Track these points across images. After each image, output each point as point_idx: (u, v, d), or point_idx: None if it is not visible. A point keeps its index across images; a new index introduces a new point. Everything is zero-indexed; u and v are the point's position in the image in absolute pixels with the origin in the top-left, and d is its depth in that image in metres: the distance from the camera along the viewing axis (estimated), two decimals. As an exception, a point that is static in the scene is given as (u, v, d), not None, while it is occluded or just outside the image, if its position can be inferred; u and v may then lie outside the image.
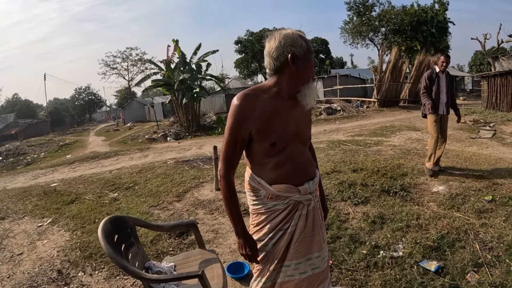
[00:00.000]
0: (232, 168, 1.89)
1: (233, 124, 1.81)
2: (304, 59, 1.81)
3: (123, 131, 30.99)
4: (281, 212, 1.92)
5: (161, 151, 11.59)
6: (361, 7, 39.65)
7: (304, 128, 1.98)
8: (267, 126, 1.81)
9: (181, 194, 5.89)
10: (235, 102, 1.81)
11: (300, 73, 1.83)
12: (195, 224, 2.66)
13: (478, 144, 9.69)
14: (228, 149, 1.85)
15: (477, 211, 4.47)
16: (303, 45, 1.80)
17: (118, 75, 62.01)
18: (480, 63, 50.09)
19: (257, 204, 1.96)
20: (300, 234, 1.92)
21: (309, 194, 1.94)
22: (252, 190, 1.97)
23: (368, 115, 18.69)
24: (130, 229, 2.39)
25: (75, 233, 4.64)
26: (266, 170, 1.89)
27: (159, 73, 23.77)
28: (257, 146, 1.86)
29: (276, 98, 1.85)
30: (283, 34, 1.83)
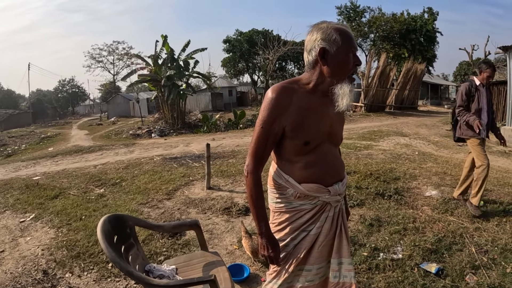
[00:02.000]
0: (261, 164, 1.77)
1: (266, 118, 1.69)
2: (336, 55, 1.66)
3: (107, 125, 30.51)
4: (307, 213, 1.82)
5: (147, 147, 11.36)
6: (352, 13, 40.26)
7: (337, 129, 1.89)
8: (301, 123, 1.71)
9: (171, 192, 5.71)
10: (270, 94, 1.70)
11: (331, 70, 1.69)
12: (198, 225, 2.52)
13: (465, 151, 9.77)
14: (259, 144, 1.73)
15: (470, 216, 4.62)
16: (336, 40, 1.65)
17: (103, 68, 61.21)
18: (464, 73, 51.11)
19: (281, 203, 1.85)
20: (325, 237, 1.83)
21: (338, 195, 1.85)
22: (278, 187, 1.85)
23: (355, 119, 18.85)
24: (130, 229, 2.23)
25: (61, 230, 4.38)
26: (296, 168, 1.78)
27: (146, 68, 23.46)
28: (288, 143, 1.75)
29: (312, 94, 1.75)
30: (318, 27, 1.71)
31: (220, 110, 34.96)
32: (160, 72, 21.58)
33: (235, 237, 4.10)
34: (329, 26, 1.69)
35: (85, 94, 74.30)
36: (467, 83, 4.95)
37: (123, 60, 60.16)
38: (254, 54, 43.26)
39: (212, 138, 12.50)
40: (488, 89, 4.97)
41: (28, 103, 58.20)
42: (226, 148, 9.96)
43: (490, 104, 4.95)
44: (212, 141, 11.43)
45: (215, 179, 6.31)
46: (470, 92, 4.85)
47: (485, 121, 4.80)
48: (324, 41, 1.66)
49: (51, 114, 61.34)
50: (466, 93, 4.86)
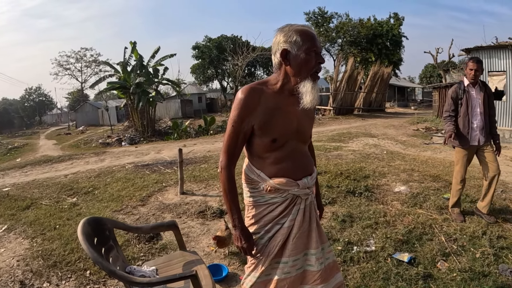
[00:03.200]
0: (233, 160, 1.87)
1: (236, 117, 1.79)
2: (298, 55, 1.76)
3: (75, 135, 29.92)
4: (278, 206, 1.90)
5: (118, 155, 11.23)
6: (320, 18, 40.90)
7: (305, 126, 1.97)
8: (269, 121, 1.80)
9: (145, 199, 5.70)
10: (239, 95, 1.79)
11: (294, 70, 1.78)
12: (176, 225, 2.57)
13: (431, 149, 10.25)
14: (230, 142, 1.84)
15: (438, 208, 4.85)
16: (297, 41, 1.75)
17: (71, 76, 59.70)
18: (430, 75, 52.84)
19: (254, 197, 1.94)
20: (298, 229, 1.91)
21: (307, 188, 1.94)
22: (250, 182, 1.95)
23: (325, 122, 19.16)
24: (109, 232, 2.26)
25: (35, 240, 4.31)
26: (266, 164, 1.88)
27: (115, 75, 23.14)
28: (258, 140, 1.85)
29: (279, 94, 1.83)
30: (281, 30, 1.81)
31: (190, 117, 34.78)
32: (129, 79, 21.33)
33: (211, 239, 4.12)
34: (290, 28, 1.78)
35: (52, 102, 72.17)
36: (455, 85, 4.52)
37: (91, 68, 59.17)
38: (223, 60, 43.27)
39: (183, 145, 12.46)
40: (485, 88, 4.44)
41: (-6, 113, 56.42)
42: (197, 154, 9.97)
43: (488, 105, 4.41)
44: (184, 148, 11.38)
45: (188, 184, 6.33)
46: (457, 96, 4.42)
47: (478, 125, 4.34)
48: (286, 42, 1.76)
49: (17, 124, 59.51)
50: (453, 97, 4.45)
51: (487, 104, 4.41)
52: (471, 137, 4.36)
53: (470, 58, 4.37)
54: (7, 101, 73.08)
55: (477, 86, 4.38)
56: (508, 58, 11.84)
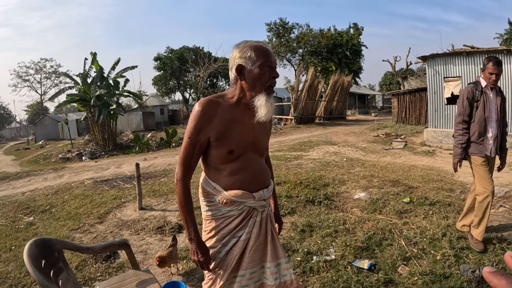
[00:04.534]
0: (189, 172, 1.90)
1: (192, 129, 1.83)
2: (252, 70, 1.81)
3: (35, 149, 28.81)
4: (235, 218, 1.92)
5: (77, 170, 10.99)
6: (281, 29, 41.45)
7: (261, 139, 2.01)
8: (225, 133, 1.84)
9: (103, 216, 5.64)
10: (196, 107, 1.82)
11: (249, 84, 1.83)
12: (127, 244, 2.59)
13: (391, 154, 10.56)
14: (186, 154, 1.86)
15: (398, 212, 4.95)
16: (251, 56, 1.81)
17: (30, 88, 58.24)
18: (389, 82, 54.32)
19: (211, 210, 1.95)
20: (255, 242, 1.93)
21: (264, 201, 1.97)
22: (206, 195, 1.96)
23: (286, 132, 19.37)
24: (58, 253, 2.25)
25: None
26: (222, 176, 1.90)
27: (75, 87, 22.57)
28: (214, 152, 1.88)
29: (236, 107, 1.88)
30: (237, 46, 1.87)
31: (152, 129, 34.35)
32: (89, 91, 20.85)
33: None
34: (246, 45, 1.85)
35: (11, 116, 69.77)
36: (470, 85, 3.92)
37: (51, 79, 57.84)
38: (185, 71, 43.22)
39: (144, 158, 12.34)
40: (500, 94, 3.90)
41: None
42: (158, 168, 9.93)
43: (501, 112, 3.91)
44: (144, 161, 11.31)
45: (147, 199, 6.31)
46: (473, 97, 3.84)
47: (494, 133, 3.85)
48: (241, 58, 1.82)
49: (-27, 139, 56.84)
50: (469, 98, 3.85)
51: (503, 110, 3.91)
52: (485, 146, 3.84)
53: (489, 59, 3.72)
54: (-38, 114, 69.89)
55: (493, 89, 3.85)
56: (463, 64, 12.50)
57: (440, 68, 13.19)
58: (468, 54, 12.29)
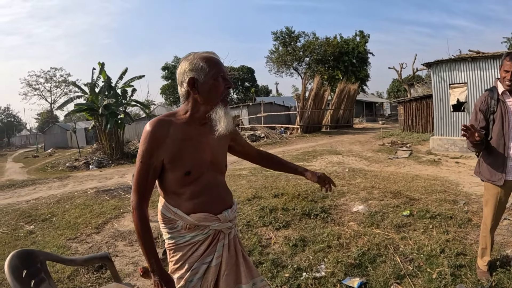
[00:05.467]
0: (145, 199, 1.76)
1: (144, 152, 1.72)
2: (206, 82, 1.74)
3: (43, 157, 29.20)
4: (201, 244, 1.83)
5: (81, 179, 11.13)
6: (287, 38, 41.60)
7: (219, 156, 1.93)
8: (180, 154, 1.74)
9: (101, 226, 5.69)
10: (147, 128, 1.72)
11: (204, 98, 1.76)
12: (108, 257, 2.62)
13: (395, 164, 10.44)
14: (140, 179, 1.74)
15: (396, 226, 4.76)
16: (203, 68, 1.73)
17: (40, 96, 59.03)
18: (397, 89, 54.15)
19: (173, 238, 1.84)
20: (226, 266, 1.85)
21: (229, 222, 1.90)
22: (167, 221, 1.84)
23: (291, 141, 19.35)
24: (41, 264, 2.30)
25: None
26: (182, 200, 1.79)
27: (83, 96, 22.88)
28: (170, 175, 1.77)
29: (189, 124, 1.78)
30: (186, 59, 1.79)
31: (159, 138, 34.41)
32: (97, 100, 21.09)
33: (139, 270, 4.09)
34: (195, 56, 1.76)
35: (21, 124, 70.71)
36: (485, 93, 3.24)
37: (60, 88, 58.53)
38: (192, 80, 43.46)
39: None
40: None
41: (-40, 133, 54.60)
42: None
43: None
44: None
45: (155, 209, 6.36)
46: (488, 107, 3.12)
47: None
48: (192, 71, 1.74)
49: (-16, 146, 57.75)
50: (482, 109, 3.16)
51: None
52: (507, 168, 3.06)
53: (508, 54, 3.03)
54: (-26, 122, 70.94)
55: None
56: (469, 70, 12.36)
57: (445, 75, 13.10)
58: (473, 59, 12.19)
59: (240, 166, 10.90)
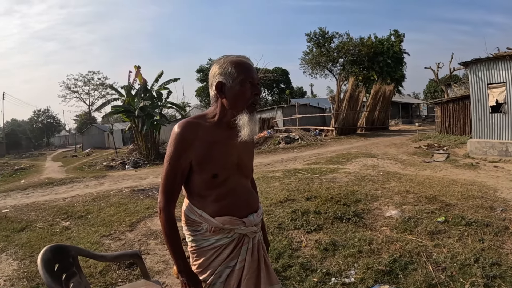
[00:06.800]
0: (173, 200, 1.76)
1: (173, 154, 1.71)
2: (233, 87, 1.72)
3: (81, 157, 30.16)
4: (225, 248, 1.80)
5: (117, 179, 11.41)
6: (321, 39, 41.15)
7: (246, 160, 1.91)
8: (207, 156, 1.72)
9: (134, 224, 5.81)
10: (176, 130, 1.71)
11: (230, 102, 1.74)
12: (138, 255, 2.65)
13: (431, 167, 10.11)
14: (168, 180, 1.74)
15: (430, 233, 4.59)
16: (232, 73, 1.71)
17: (79, 99, 61.11)
18: (434, 90, 52.60)
19: (197, 241, 1.82)
20: (249, 270, 1.82)
21: (254, 226, 1.86)
22: (191, 224, 1.83)
23: (326, 143, 19.11)
24: (72, 259, 2.35)
25: (23, 262, 4.49)
26: (208, 202, 1.78)
27: (120, 99, 23.49)
28: (197, 177, 1.76)
29: (218, 127, 1.77)
30: (217, 62, 1.78)
31: (195, 140, 34.88)
32: (134, 103, 21.61)
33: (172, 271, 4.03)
34: (225, 60, 1.75)
35: (60, 125, 73.57)
36: None
37: (98, 91, 60.38)
38: (228, 83, 43.82)
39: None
40: None
41: (2, 134, 57.04)
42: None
43: None
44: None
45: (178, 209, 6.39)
46: None
47: None
48: (220, 75, 1.73)
49: (25, 145, 59.96)
50: None
51: None
52: None
53: None
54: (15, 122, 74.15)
55: None
56: (508, 69, 11.67)
57: (483, 74, 12.46)
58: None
59: (274, 168, 10.88)
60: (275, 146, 19.62)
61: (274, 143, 20.26)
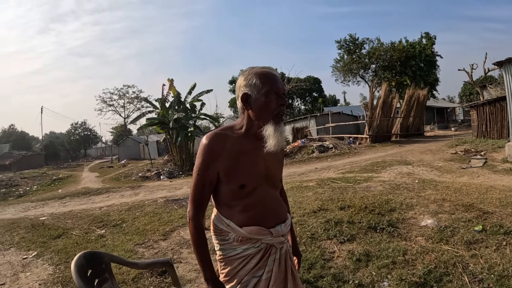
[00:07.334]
0: (201, 210, 1.79)
1: (201, 165, 1.74)
2: (258, 99, 1.74)
3: (117, 168, 30.99)
4: (252, 258, 1.81)
5: (152, 189, 11.62)
6: (351, 45, 40.83)
7: (274, 171, 1.91)
8: (235, 167, 1.74)
9: (168, 233, 5.89)
10: (204, 141, 1.74)
11: (256, 114, 1.76)
12: (170, 263, 2.68)
13: (469, 174, 9.74)
14: (197, 190, 1.78)
15: (466, 243, 4.40)
16: (257, 84, 1.74)
17: (115, 112, 63.46)
18: (469, 93, 51.03)
19: (225, 250, 1.84)
20: (275, 281, 1.82)
21: (282, 236, 1.85)
22: (219, 233, 1.85)
23: (360, 152, 18.82)
24: (105, 265, 2.40)
25: (59, 267, 4.67)
26: (235, 212, 1.79)
27: (154, 111, 24.02)
28: (225, 188, 1.78)
29: (245, 138, 1.78)
30: (242, 74, 1.82)
31: (229, 150, 35.18)
32: (168, 115, 22.06)
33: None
34: (250, 72, 1.78)
35: (97, 136, 76.28)
36: None
37: (133, 104, 62.30)
38: (260, 93, 44.14)
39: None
40: None
41: (41, 145, 59.66)
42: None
43: None
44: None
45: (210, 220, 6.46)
46: None
47: None
48: (246, 86, 1.75)
49: (63, 156, 62.72)
50: None
51: None
52: None
53: None
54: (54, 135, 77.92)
55: None
56: None
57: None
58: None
59: (307, 178, 10.81)
60: (309, 155, 19.51)
61: (308, 153, 20.17)
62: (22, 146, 61.10)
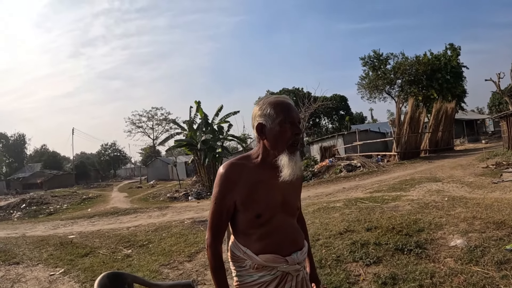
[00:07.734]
0: (219, 237, 1.82)
1: (218, 194, 1.77)
2: (272, 129, 1.75)
3: (146, 188, 31.46)
4: (268, 285, 1.81)
5: (179, 210, 11.75)
6: (376, 62, 40.44)
7: (291, 199, 1.92)
8: (251, 197, 1.76)
9: (193, 254, 5.94)
10: (221, 170, 1.76)
11: (271, 143, 1.77)
12: (191, 285, 2.71)
13: (501, 188, 9.42)
14: (214, 219, 1.80)
15: (497, 263, 4.23)
16: (271, 114, 1.76)
17: (143, 133, 64.38)
18: (499, 102, 49.29)
19: (241, 276, 1.85)
20: None
21: (297, 264, 1.85)
22: (236, 259, 1.87)
23: (389, 170, 18.47)
24: (128, 286, 2.44)
25: (84, 285, 4.79)
26: (252, 240, 1.81)
27: (182, 133, 24.48)
28: (241, 217, 1.81)
29: (261, 167, 1.80)
30: (257, 103, 1.84)
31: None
32: (196, 136, 22.46)
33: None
34: (265, 101, 1.80)
35: (126, 157, 78.00)
36: None
37: (162, 125, 63.25)
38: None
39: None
40: None
41: (72, 165, 61.34)
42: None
43: None
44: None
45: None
46: None
47: None
48: (260, 116, 1.77)
49: (93, 176, 64.57)
50: None
51: None
52: None
53: None
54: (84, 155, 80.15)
55: None
56: None
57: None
58: None
59: (335, 198, 10.70)
60: (337, 175, 19.33)
61: (335, 172, 19.99)
62: (53, 166, 62.90)
